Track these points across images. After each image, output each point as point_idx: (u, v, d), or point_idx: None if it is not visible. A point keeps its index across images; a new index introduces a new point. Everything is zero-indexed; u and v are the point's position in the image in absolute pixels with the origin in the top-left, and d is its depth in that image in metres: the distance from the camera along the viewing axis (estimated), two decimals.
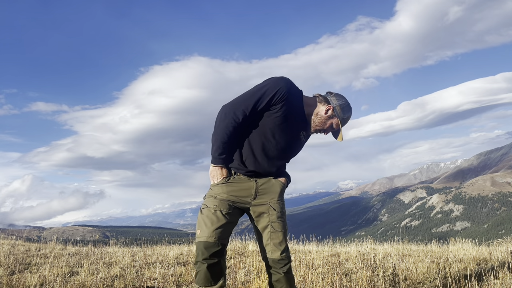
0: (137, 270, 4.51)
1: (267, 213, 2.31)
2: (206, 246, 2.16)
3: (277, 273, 2.30)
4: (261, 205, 2.32)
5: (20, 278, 3.87)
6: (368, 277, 3.76)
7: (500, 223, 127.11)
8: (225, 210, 2.25)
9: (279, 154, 2.32)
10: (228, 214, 2.26)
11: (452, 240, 7.21)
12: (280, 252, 2.28)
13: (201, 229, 2.22)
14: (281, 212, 2.34)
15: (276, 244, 2.29)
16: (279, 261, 2.28)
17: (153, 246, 7.47)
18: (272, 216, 2.31)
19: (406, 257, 5.35)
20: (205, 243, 2.16)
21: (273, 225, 2.30)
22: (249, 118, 2.19)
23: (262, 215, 2.32)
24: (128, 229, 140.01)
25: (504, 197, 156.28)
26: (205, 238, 2.17)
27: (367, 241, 7.38)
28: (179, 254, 5.78)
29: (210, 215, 2.23)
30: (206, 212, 2.26)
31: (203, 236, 2.19)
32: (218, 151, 2.23)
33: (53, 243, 7.07)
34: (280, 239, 2.29)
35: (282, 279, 2.30)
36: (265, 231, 2.32)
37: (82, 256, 5.57)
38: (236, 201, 2.31)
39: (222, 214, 2.23)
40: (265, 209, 2.32)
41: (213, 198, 2.30)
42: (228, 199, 2.29)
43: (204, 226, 2.21)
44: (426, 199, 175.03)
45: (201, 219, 2.26)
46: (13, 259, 4.99)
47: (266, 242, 2.31)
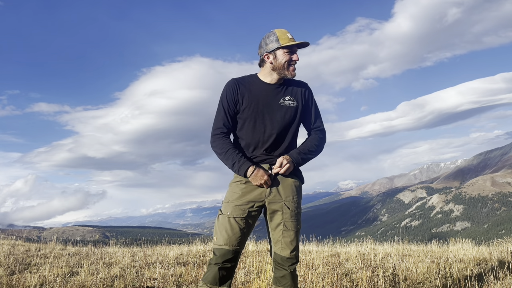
0: (137, 270, 4.51)
1: (281, 211, 2.31)
2: (221, 253, 2.25)
3: (283, 270, 2.31)
4: (275, 202, 2.31)
5: (20, 278, 3.87)
6: (368, 277, 3.75)
7: (500, 223, 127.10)
8: (239, 216, 2.27)
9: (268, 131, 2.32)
10: (243, 219, 2.27)
11: (452, 240, 7.21)
12: (290, 251, 2.29)
13: (217, 236, 2.29)
14: (295, 211, 2.33)
15: (287, 242, 2.29)
16: (287, 259, 2.30)
17: (153, 246, 7.47)
18: (285, 214, 2.30)
19: (406, 257, 5.35)
20: (220, 250, 2.25)
21: (286, 224, 2.30)
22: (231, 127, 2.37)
23: (276, 212, 2.32)
24: (128, 229, 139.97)
25: (504, 197, 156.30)
26: (220, 245, 2.25)
27: (367, 241, 7.39)
28: (179, 254, 5.78)
29: (224, 222, 2.27)
30: (221, 219, 2.30)
31: (218, 243, 2.26)
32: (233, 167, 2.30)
33: (53, 243, 7.07)
34: (291, 237, 2.30)
35: (288, 276, 2.31)
36: (277, 229, 2.32)
37: (82, 256, 5.57)
38: (251, 200, 2.30)
39: (236, 221, 2.26)
40: (279, 207, 2.31)
41: (227, 204, 2.32)
42: (242, 202, 2.29)
43: (219, 234, 2.27)
44: (426, 199, 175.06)
45: (217, 226, 2.31)
46: (13, 259, 4.98)
47: (278, 239, 2.31)
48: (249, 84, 2.37)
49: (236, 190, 2.32)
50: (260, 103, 2.33)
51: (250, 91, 2.34)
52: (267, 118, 2.33)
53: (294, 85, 2.42)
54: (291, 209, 2.31)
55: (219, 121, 2.36)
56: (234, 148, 2.32)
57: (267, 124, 2.33)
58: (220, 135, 2.34)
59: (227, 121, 2.35)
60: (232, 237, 2.24)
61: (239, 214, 2.27)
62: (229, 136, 2.39)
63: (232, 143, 2.37)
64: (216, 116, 2.38)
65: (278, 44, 2.28)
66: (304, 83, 2.47)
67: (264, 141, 2.33)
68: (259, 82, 2.37)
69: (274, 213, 2.33)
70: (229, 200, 2.32)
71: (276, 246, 2.34)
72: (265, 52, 2.33)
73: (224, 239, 2.24)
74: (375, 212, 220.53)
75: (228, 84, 2.39)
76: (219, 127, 2.35)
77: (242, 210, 2.28)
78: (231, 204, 2.30)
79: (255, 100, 2.32)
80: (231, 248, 2.23)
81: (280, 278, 2.33)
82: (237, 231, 2.25)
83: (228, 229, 2.25)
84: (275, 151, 2.35)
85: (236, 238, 2.24)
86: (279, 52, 2.30)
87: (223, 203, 2.36)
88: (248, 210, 2.29)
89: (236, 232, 2.25)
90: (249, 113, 2.32)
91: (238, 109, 2.35)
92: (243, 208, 2.28)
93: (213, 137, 2.36)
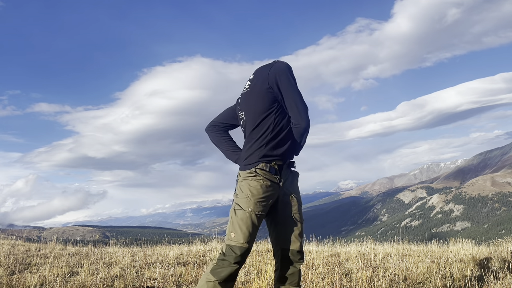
0: (137, 270, 4.51)
1: (290, 203, 2.28)
2: (242, 251, 2.14)
3: (293, 266, 2.26)
4: (286, 194, 2.29)
5: (20, 278, 3.87)
6: (368, 277, 3.75)
7: (500, 223, 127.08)
8: (259, 212, 2.17)
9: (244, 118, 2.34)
10: (262, 216, 2.20)
11: (452, 240, 7.20)
12: (299, 243, 2.26)
13: (236, 233, 2.15)
14: (300, 203, 2.32)
15: (296, 235, 2.26)
16: (298, 252, 2.25)
17: (153, 246, 7.47)
18: (294, 206, 2.28)
19: (406, 257, 5.35)
20: (240, 248, 2.14)
21: (295, 216, 2.27)
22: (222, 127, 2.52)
23: (286, 205, 2.29)
24: (128, 229, 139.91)
25: (504, 197, 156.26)
26: (240, 243, 2.14)
27: (367, 241, 7.38)
28: (179, 254, 5.78)
29: (245, 218, 2.15)
30: (241, 214, 2.16)
31: (238, 240, 2.14)
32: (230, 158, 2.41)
33: (53, 243, 7.06)
34: (299, 230, 2.27)
35: (297, 273, 2.26)
36: (286, 221, 2.27)
37: (82, 256, 5.56)
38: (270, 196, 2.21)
39: (257, 217, 2.17)
40: (289, 199, 2.29)
41: (247, 199, 2.17)
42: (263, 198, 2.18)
43: (239, 230, 2.15)
44: (426, 199, 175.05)
45: (235, 222, 2.17)
46: (13, 259, 4.98)
47: (288, 232, 2.27)
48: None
49: (257, 186, 2.18)
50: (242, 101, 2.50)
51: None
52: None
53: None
54: (298, 202, 2.30)
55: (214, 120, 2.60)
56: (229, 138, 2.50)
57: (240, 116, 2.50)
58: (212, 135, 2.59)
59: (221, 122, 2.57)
60: (252, 234, 2.15)
61: (260, 210, 2.16)
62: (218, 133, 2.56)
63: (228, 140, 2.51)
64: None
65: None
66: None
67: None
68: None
69: (285, 206, 2.28)
70: (248, 195, 2.17)
71: (285, 241, 2.27)
72: None
73: (245, 236, 2.13)
74: (375, 212, 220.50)
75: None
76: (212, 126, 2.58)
77: (264, 206, 2.18)
78: (252, 200, 2.16)
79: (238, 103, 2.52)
80: (251, 245, 2.17)
81: (289, 275, 2.26)
82: (256, 228, 2.18)
83: (249, 226, 2.14)
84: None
85: (254, 236, 2.19)
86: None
87: (239, 197, 2.20)
88: (268, 206, 2.23)
89: (255, 229, 2.18)
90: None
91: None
92: (264, 205, 2.18)
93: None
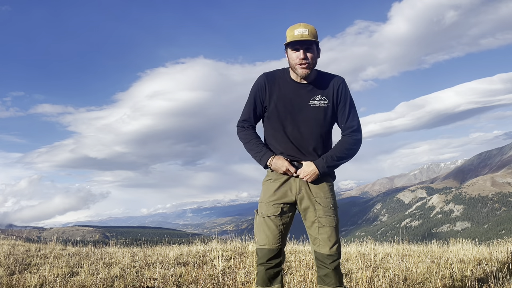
0: (137, 270, 4.51)
1: (313, 208, 2.27)
2: (263, 253, 2.28)
3: (325, 268, 2.26)
4: (306, 199, 2.29)
5: (20, 278, 3.87)
6: (368, 277, 3.75)
7: (500, 223, 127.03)
8: (272, 214, 2.28)
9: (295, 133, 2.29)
10: (277, 217, 2.27)
11: (452, 240, 7.21)
12: (329, 247, 2.24)
13: (257, 236, 2.32)
14: (328, 206, 2.28)
15: (324, 239, 2.25)
16: (328, 256, 2.25)
17: (153, 246, 7.47)
18: (318, 211, 2.27)
19: (406, 257, 5.35)
20: (262, 250, 2.29)
21: (320, 220, 2.26)
22: (256, 121, 2.41)
23: (308, 210, 2.29)
24: (128, 229, 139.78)
25: (504, 197, 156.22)
26: (261, 245, 2.29)
27: (367, 241, 7.38)
28: (179, 255, 5.78)
29: (261, 222, 2.30)
30: (258, 219, 2.33)
31: (259, 243, 2.30)
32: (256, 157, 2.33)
33: (53, 244, 7.07)
34: (328, 234, 2.25)
35: (331, 273, 2.25)
36: (312, 226, 2.29)
37: (82, 257, 5.56)
38: (281, 197, 2.29)
39: (271, 220, 2.27)
40: (310, 204, 2.28)
41: (261, 203, 2.34)
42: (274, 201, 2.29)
43: (259, 234, 2.31)
44: (426, 199, 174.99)
45: (256, 226, 2.35)
46: (13, 259, 4.98)
47: (315, 236, 2.28)
48: (279, 82, 2.32)
49: (268, 189, 2.33)
50: (288, 103, 2.28)
51: (280, 90, 2.31)
52: (296, 119, 2.28)
53: (327, 82, 2.32)
54: (323, 205, 2.27)
55: (245, 113, 2.40)
56: (258, 138, 2.36)
57: (295, 126, 2.28)
58: (244, 126, 2.40)
59: (252, 115, 2.38)
60: (270, 236, 2.26)
61: (272, 212, 2.28)
62: (254, 127, 2.42)
63: (256, 134, 2.40)
64: (244, 107, 2.42)
65: (286, 42, 2.24)
66: (339, 78, 2.35)
67: (292, 142, 2.30)
68: (289, 80, 2.32)
69: (306, 211, 2.30)
70: (262, 200, 2.34)
71: (314, 244, 2.30)
72: (285, 45, 2.27)
73: (263, 239, 2.27)
74: (375, 212, 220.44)
75: (258, 80, 2.36)
76: (245, 119, 2.40)
77: (275, 208, 2.28)
78: (264, 204, 2.31)
79: (283, 100, 2.29)
80: (271, 247, 2.26)
81: (324, 276, 2.27)
82: (274, 230, 2.26)
83: (265, 229, 2.27)
84: (304, 153, 2.30)
85: (275, 236, 2.26)
86: (288, 50, 2.26)
87: (259, 202, 2.37)
88: (281, 207, 2.28)
89: (273, 231, 2.26)
90: (276, 113, 2.30)
91: (265, 107, 2.35)
92: (275, 207, 2.28)
93: (238, 128, 2.44)
